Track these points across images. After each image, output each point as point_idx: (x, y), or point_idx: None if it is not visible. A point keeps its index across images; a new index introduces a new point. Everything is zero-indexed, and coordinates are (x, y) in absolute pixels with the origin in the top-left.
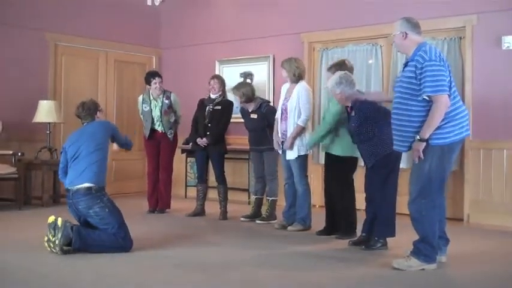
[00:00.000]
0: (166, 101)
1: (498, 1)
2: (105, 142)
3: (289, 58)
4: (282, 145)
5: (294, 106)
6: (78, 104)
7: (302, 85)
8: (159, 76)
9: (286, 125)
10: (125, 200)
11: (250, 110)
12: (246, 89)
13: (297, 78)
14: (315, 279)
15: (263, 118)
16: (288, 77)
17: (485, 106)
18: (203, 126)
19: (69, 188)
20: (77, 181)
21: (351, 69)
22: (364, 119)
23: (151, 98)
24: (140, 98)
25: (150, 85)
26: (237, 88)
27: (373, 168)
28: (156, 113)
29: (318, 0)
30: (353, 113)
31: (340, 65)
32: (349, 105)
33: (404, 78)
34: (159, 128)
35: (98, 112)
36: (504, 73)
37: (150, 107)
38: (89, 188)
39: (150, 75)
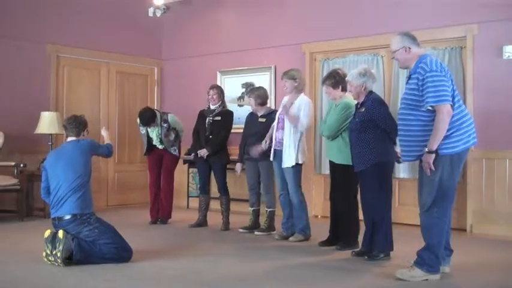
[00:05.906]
0: (165, 125)
1: (499, 11)
2: (85, 167)
3: (291, 69)
4: (274, 153)
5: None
6: (70, 115)
7: (305, 98)
8: (149, 121)
9: (282, 134)
10: (128, 211)
11: (260, 114)
12: (260, 92)
13: (300, 89)
14: None
15: (271, 124)
16: (292, 87)
17: (486, 116)
18: (204, 138)
19: (53, 216)
20: (60, 211)
21: (344, 78)
22: (371, 116)
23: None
24: (138, 119)
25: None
26: (252, 91)
27: (366, 176)
28: (153, 136)
29: (319, 11)
30: (362, 109)
31: (334, 77)
32: (361, 100)
33: (408, 91)
34: (159, 146)
35: (85, 131)
36: (505, 83)
37: (147, 130)
38: (73, 215)
39: (140, 118)
